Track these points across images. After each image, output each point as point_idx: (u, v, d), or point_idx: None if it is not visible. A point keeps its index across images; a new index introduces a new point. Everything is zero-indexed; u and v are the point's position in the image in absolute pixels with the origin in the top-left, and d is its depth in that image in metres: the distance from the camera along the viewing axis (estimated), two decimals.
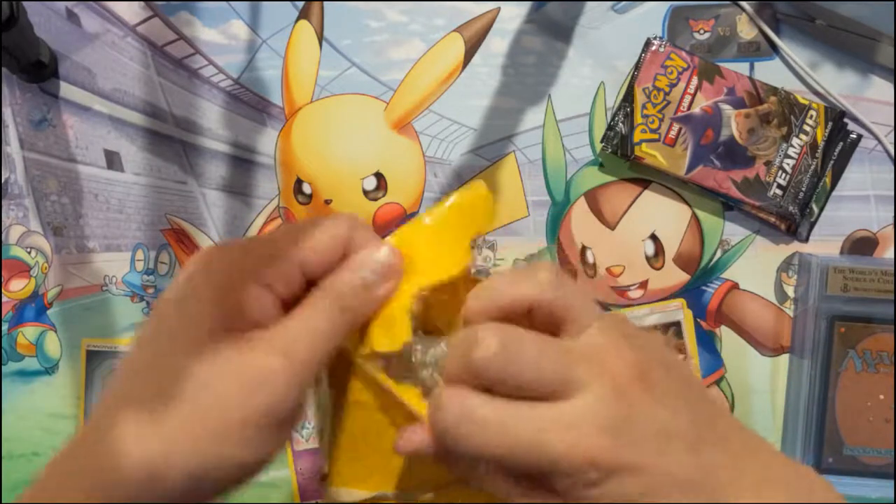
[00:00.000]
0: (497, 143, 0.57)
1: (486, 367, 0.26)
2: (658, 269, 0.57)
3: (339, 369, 0.30)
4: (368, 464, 0.31)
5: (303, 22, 0.58)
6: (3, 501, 0.61)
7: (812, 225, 0.55)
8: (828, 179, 0.54)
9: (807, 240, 0.55)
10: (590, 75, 0.57)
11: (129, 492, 0.25)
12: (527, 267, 0.29)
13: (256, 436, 0.26)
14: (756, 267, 0.56)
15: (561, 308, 0.28)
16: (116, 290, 0.60)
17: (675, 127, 0.54)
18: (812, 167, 0.54)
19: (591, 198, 0.57)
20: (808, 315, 0.54)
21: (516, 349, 0.26)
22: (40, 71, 0.57)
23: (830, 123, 0.53)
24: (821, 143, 0.54)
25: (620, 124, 0.54)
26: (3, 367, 0.61)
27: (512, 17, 0.57)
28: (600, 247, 0.57)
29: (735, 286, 0.57)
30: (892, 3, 0.53)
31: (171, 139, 0.59)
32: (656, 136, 0.54)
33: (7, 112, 0.59)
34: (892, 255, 0.55)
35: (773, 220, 0.55)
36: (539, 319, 0.28)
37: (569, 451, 0.25)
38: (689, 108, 0.54)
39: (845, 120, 0.54)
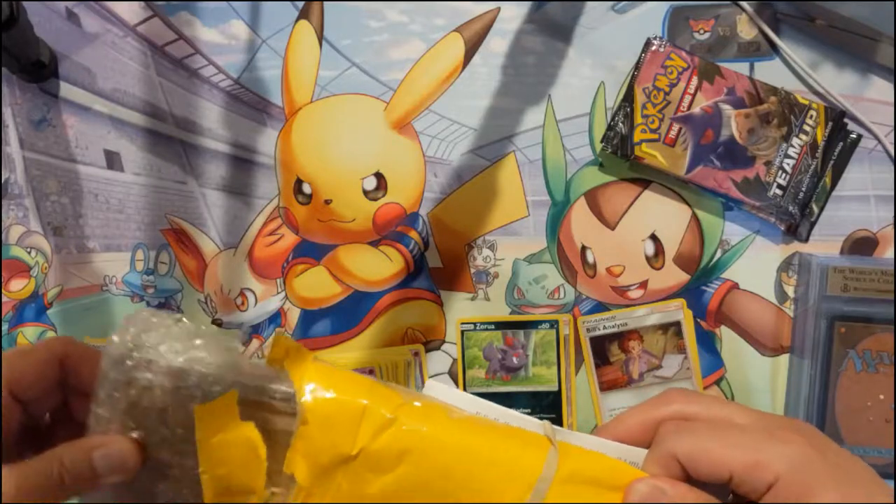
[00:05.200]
0: (497, 143, 0.57)
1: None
2: (658, 269, 0.57)
3: None
4: None
5: (303, 22, 0.58)
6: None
7: (812, 225, 0.55)
8: (828, 179, 0.54)
9: (807, 240, 0.55)
10: (590, 75, 0.57)
11: None
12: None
13: None
14: (756, 267, 0.56)
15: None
16: (116, 290, 0.60)
17: (675, 127, 0.54)
18: (812, 167, 0.54)
19: (591, 198, 0.57)
20: (808, 315, 0.54)
21: None
22: (40, 71, 0.57)
23: (830, 123, 0.53)
24: (821, 143, 0.54)
25: (620, 124, 0.54)
26: None
27: (512, 17, 0.57)
28: (600, 247, 0.57)
29: (735, 286, 0.57)
30: (893, 3, 0.53)
31: (171, 139, 0.59)
32: (656, 136, 0.54)
33: (7, 112, 0.59)
34: (892, 255, 0.55)
35: (773, 220, 0.55)
36: None
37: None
38: (689, 108, 0.54)
39: (845, 120, 0.54)
